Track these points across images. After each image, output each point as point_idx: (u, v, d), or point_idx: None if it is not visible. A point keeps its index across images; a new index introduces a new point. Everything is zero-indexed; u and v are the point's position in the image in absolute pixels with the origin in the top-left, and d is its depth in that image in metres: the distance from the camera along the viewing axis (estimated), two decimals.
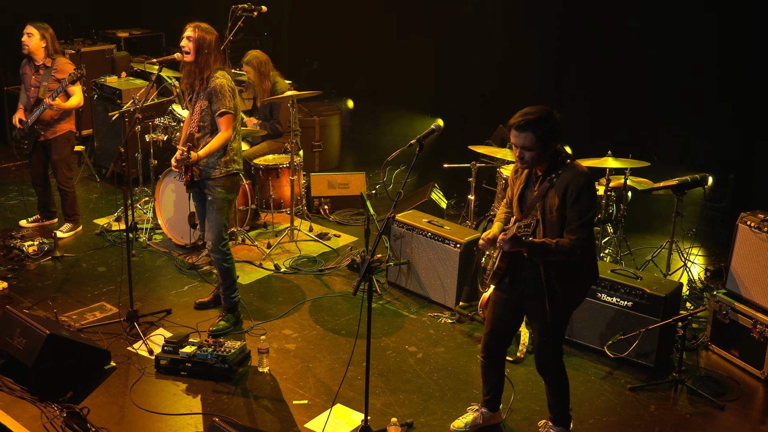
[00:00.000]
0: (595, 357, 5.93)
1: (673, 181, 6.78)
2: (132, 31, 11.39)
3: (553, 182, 4.41)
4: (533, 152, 4.39)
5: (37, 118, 7.28)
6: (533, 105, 4.43)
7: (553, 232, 4.42)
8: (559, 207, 4.37)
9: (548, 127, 4.34)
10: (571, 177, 4.37)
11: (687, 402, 5.46)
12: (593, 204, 4.40)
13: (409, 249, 6.77)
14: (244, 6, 8.00)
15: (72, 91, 7.31)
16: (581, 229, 4.35)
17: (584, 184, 4.36)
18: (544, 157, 4.42)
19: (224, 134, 5.80)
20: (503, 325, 4.86)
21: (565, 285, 4.48)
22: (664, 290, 5.71)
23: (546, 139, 4.36)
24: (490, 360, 4.97)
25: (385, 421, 5.03)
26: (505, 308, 4.79)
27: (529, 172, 4.58)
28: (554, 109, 4.42)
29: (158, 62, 6.13)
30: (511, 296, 4.73)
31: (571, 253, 4.36)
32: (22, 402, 5.15)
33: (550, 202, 4.41)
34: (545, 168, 4.46)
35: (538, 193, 4.46)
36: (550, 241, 4.38)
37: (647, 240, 7.95)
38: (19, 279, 6.87)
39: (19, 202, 8.48)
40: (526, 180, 4.58)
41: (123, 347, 5.88)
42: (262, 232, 8.02)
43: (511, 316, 4.82)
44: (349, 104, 11.32)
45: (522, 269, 4.59)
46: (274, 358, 5.81)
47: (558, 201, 4.37)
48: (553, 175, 4.42)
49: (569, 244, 4.34)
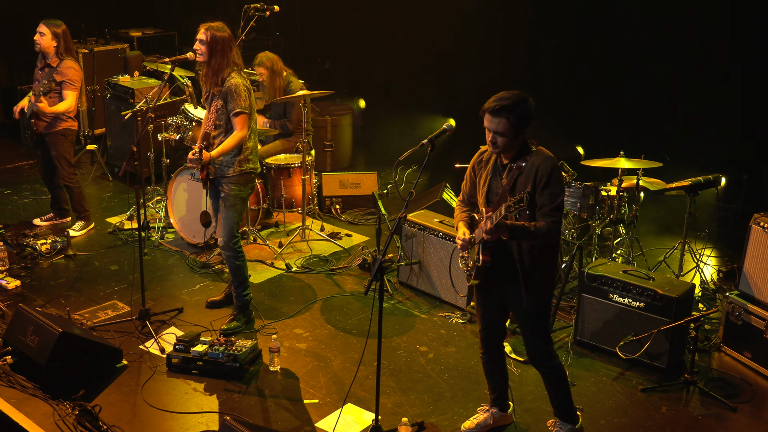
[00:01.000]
0: (606, 358, 5.92)
1: (686, 182, 6.75)
2: (145, 31, 11.42)
3: (522, 169, 4.45)
4: (505, 138, 4.43)
5: (31, 113, 7.29)
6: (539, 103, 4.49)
7: (524, 218, 4.45)
8: (530, 192, 4.38)
9: (521, 114, 4.39)
10: (539, 162, 4.43)
11: (699, 403, 5.44)
12: (563, 187, 4.47)
13: (421, 249, 6.77)
14: (257, 6, 8.01)
15: (65, 96, 7.30)
16: (555, 212, 4.42)
17: (552, 168, 4.41)
18: (515, 143, 4.47)
19: (238, 134, 5.81)
20: (492, 319, 4.90)
21: (539, 269, 4.54)
22: (677, 291, 5.69)
23: (518, 126, 4.41)
24: (488, 355, 4.99)
25: (396, 420, 5.03)
26: (489, 302, 4.83)
27: (494, 162, 4.60)
28: (529, 96, 4.46)
29: (171, 61, 6.14)
30: (491, 289, 4.77)
31: (548, 236, 4.42)
32: (35, 399, 5.17)
33: (521, 188, 4.44)
34: (512, 155, 4.51)
35: (508, 181, 4.49)
36: (528, 224, 4.41)
37: (659, 241, 7.92)
38: (32, 277, 6.90)
39: (33, 201, 8.52)
40: (492, 170, 4.60)
41: (135, 345, 5.90)
42: (273, 232, 8.03)
43: (495, 308, 4.85)
44: (361, 104, 11.32)
45: (499, 262, 4.61)
46: (285, 357, 5.82)
47: (529, 187, 4.40)
48: (521, 162, 4.46)
49: (546, 227, 4.40)
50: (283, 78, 7.97)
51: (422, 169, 4.77)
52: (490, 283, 4.72)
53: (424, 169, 4.76)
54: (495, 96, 4.45)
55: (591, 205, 6.81)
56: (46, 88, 7.15)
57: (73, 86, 7.29)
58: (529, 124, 4.45)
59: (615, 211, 6.88)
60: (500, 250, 4.56)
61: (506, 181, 4.51)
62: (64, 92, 7.29)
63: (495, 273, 4.64)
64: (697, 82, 8.66)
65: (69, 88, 7.28)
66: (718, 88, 8.51)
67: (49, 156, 7.55)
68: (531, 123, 4.46)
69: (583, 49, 9.48)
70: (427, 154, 4.68)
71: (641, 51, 9.05)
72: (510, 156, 4.52)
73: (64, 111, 7.33)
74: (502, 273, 4.62)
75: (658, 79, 9.00)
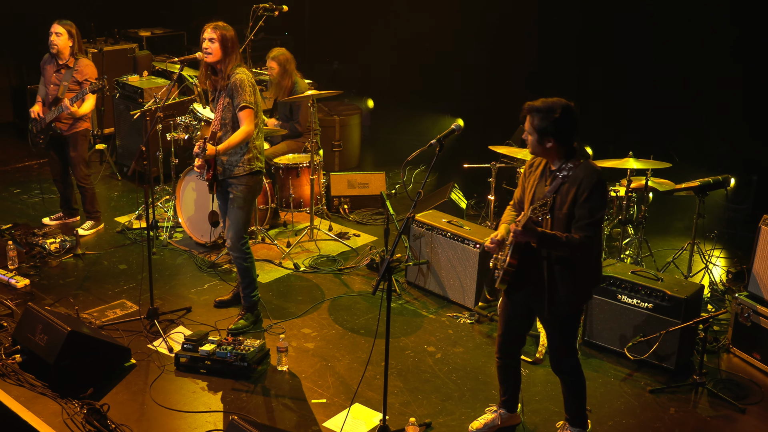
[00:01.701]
0: (614, 359, 5.90)
1: (694, 183, 6.73)
2: (154, 31, 11.45)
3: (566, 179, 4.41)
4: (531, 138, 4.44)
5: (54, 118, 7.33)
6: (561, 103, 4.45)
7: (559, 228, 4.42)
8: (570, 204, 4.37)
9: (545, 119, 4.37)
10: (584, 175, 4.38)
11: (708, 405, 5.43)
12: (604, 204, 4.41)
13: (429, 249, 6.76)
14: (266, 6, 8.02)
15: (87, 97, 7.34)
16: (590, 228, 4.35)
17: (596, 183, 4.36)
18: (543, 148, 4.44)
19: (245, 129, 5.80)
20: (515, 327, 4.86)
21: (566, 284, 4.49)
22: (685, 292, 5.67)
23: (542, 131, 4.39)
24: (505, 361, 4.97)
25: (404, 420, 5.03)
26: (516, 310, 4.79)
27: (543, 168, 4.57)
28: (569, 108, 4.41)
29: (180, 61, 6.16)
30: (519, 297, 4.73)
31: (579, 249, 4.37)
32: (43, 398, 5.19)
33: (562, 198, 4.41)
34: (558, 163, 4.47)
35: (550, 188, 4.46)
36: (560, 234, 4.38)
37: (668, 241, 7.90)
38: (41, 276, 6.93)
39: (42, 200, 8.55)
40: (540, 176, 4.58)
41: (143, 345, 5.91)
42: (281, 231, 8.04)
43: (522, 317, 4.82)
44: (369, 104, 11.32)
45: (528, 268, 4.58)
46: (293, 357, 5.82)
47: (570, 198, 4.37)
48: (565, 172, 4.42)
49: (578, 240, 4.35)
50: (291, 78, 7.98)
51: (430, 169, 4.77)
52: (518, 289, 4.68)
53: (433, 169, 4.77)
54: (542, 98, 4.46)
55: None
56: (79, 94, 7.18)
57: None
58: (560, 133, 4.38)
59: (624, 212, 6.87)
60: (530, 257, 4.52)
61: (549, 187, 4.47)
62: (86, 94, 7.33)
63: (524, 280, 4.60)
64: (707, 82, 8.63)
65: None
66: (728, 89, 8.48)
67: (66, 156, 7.58)
68: (567, 134, 4.39)
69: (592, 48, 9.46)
70: (435, 155, 4.68)
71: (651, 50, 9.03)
72: (556, 164, 4.48)
73: (91, 110, 7.46)
74: (531, 281, 4.58)
75: (667, 79, 8.98)
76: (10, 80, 11.17)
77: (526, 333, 4.97)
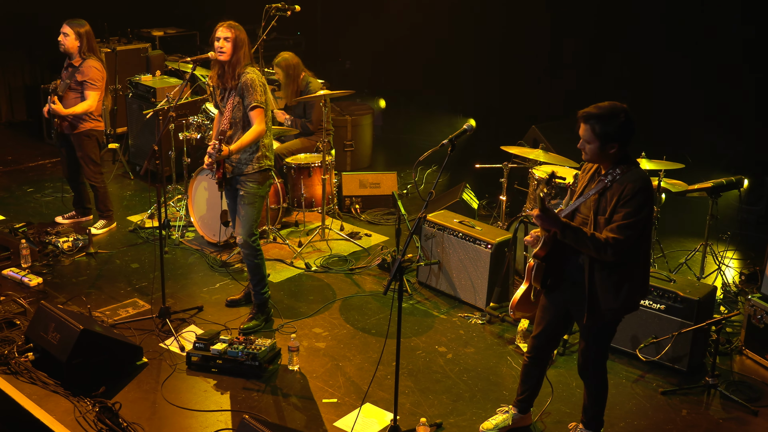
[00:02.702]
0: (626, 360, 5.88)
1: (708, 184, 6.71)
2: (167, 30, 11.48)
3: (613, 182, 4.36)
4: (591, 146, 4.37)
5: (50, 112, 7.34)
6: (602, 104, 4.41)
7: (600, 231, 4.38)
8: (612, 208, 4.32)
9: (609, 126, 4.31)
10: (631, 180, 4.32)
11: (720, 407, 5.40)
12: (644, 210, 4.30)
13: (440, 249, 6.76)
14: (278, 5, 8.02)
15: (87, 96, 7.32)
16: (621, 230, 4.27)
17: (641, 188, 4.29)
18: (604, 154, 4.37)
19: (256, 128, 5.82)
20: (552, 330, 4.81)
21: (608, 292, 4.43)
22: (698, 293, 5.65)
23: (605, 137, 4.32)
24: (534, 361, 4.92)
25: (414, 421, 5.02)
26: (555, 313, 4.74)
27: (593, 171, 4.54)
28: (629, 111, 4.36)
29: (192, 61, 6.17)
30: (560, 301, 4.69)
31: (602, 250, 4.29)
32: (56, 396, 5.21)
33: (605, 203, 4.36)
34: (609, 167, 4.42)
35: (595, 189, 4.42)
36: (587, 230, 4.34)
37: (681, 243, 7.87)
38: (54, 274, 6.95)
39: (55, 199, 8.59)
40: (590, 177, 4.55)
41: (155, 343, 5.93)
42: (293, 231, 8.05)
43: (560, 320, 4.77)
44: (381, 104, 11.32)
45: (571, 273, 4.55)
46: (304, 357, 5.83)
47: (613, 202, 4.32)
48: (612, 176, 4.37)
49: (604, 240, 4.28)
50: (301, 80, 7.99)
51: (442, 169, 4.77)
52: (559, 291, 4.65)
53: (444, 169, 4.76)
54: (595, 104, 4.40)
55: None
56: (62, 88, 7.20)
57: (94, 86, 7.31)
58: (624, 137, 4.33)
59: None
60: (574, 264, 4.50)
61: (594, 189, 4.43)
62: (86, 92, 7.31)
63: (565, 282, 4.59)
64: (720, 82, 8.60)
65: (90, 88, 7.30)
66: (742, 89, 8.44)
67: (74, 155, 7.60)
68: (629, 136, 4.35)
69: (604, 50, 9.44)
70: (447, 155, 4.67)
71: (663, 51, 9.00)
72: (607, 167, 4.43)
73: (83, 111, 7.32)
74: (572, 284, 4.55)
75: (680, 80, 8.95)
76: (24, 79, 11.22)
77: (561, 336, 4.96)
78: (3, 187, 8.92)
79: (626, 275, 4.44)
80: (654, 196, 4.36)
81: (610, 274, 4.42)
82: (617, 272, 4.42)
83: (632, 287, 4.48)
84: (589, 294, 4.46)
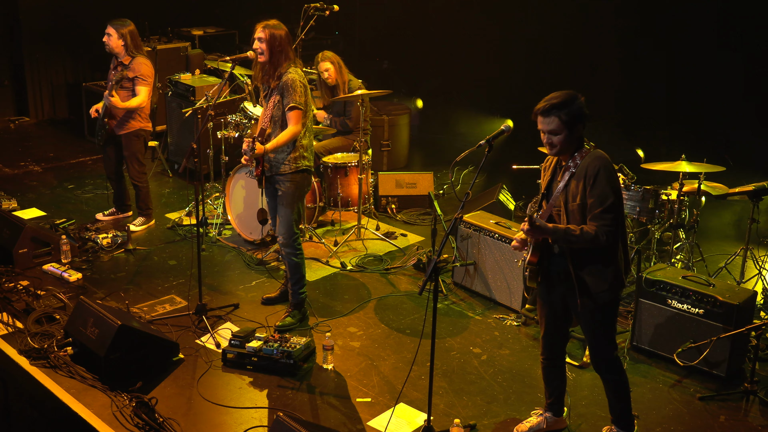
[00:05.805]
0: (664, 365, 5.82)
1: (749, 187, 6.60)
2: (206, 29, 11.58)
3: (577, 168, 4.42)
4: (560, 136, 4.42)
5: (105, 112, 7.46)
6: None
7: (575, 220, 4.41)
8: (581, 194, 4.36)
9: (573, 110, 4.39)
10: (588, 162, 4.39)
11: (759, 414, 5.32)
12: (613, 189, 4.37)
13: (476, 250, 6.74)
14: (317, 5, 8.06)
15: (138, 91, 7.43)
16: (604, 215, 4.33)
17: (600, 168, 4.35)
18: (572, 141, 4.43)
19: (292, 129, 5.84)
20: (554, 326, 4.84)
21: (592, 275, 4.48)
22: (738, 298, 5.57)
23: (571, 123, 4.39)
24: (549, 361, 4.94)
25: (448, 422, 5.01)
26: (552, 308, 4.78)
27: (554, 163, 4.58)
28: (578, 94, 4.44)
29: (231, 60, 6.20)
30: (554, 296, 4.72)
31: (595, 240, 4.34)
32: (94, 390, 5.28)
33: (573, 190, 4.41)
34: (568, 157, 4.48)
35: (562, 182, 4.47)
36: (574, 227, 4.37)
37: (720, 247, 7.76)
38: (93, 270, 7.04)
39: (95, 195, 8.70)
40: (552, 172, 4.59)
41: (191, 340, 5.98)
42: (329, 230, 8.07)
43: (558, 315, 4.79)
44: (419, 104, 11.32)
45: (553, 266, 4.59)
46: (338, 356, 5.84)
47: (580, 189, 4.37)
48: (576, 161, 4.43)
49: (594, 230, 4.33)
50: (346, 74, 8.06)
51: (479, 170, 4.75)
52: (551, 285, 4.68)
53: (481, 170, 4.75)
54: (545, 97, 4.46)
55: (650, 209, 6.71)
56: (118, 76, 7.30)
57: (145, 82, 7.41)
58: (583, 122, 4.42)
59: (675, 216, 6.76)
60: (555, 257, 4.54)
61: (561, 182, 4.49)
62: (137, 88, 7.42)
63: (554, 277, 4.61)
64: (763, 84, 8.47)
65: (141, 83, 7.41)
66: None
67: (120, 154, 7.70)
68: (585, 120, 4.43)
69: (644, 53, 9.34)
70: (484, 155, 4.66)
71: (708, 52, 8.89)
72: (567, 158, 4.50)
73: (137, 106, 7.45)
74: (561, 277, 4.59)
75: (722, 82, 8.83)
76: (66, 77, 11.39)
77: (566, 330, 4.92)
78: (44, 184, 9.06)
79: (606, 255, 4.47)
80: (613, 169, 4.40)
81: (591, 258, 4.47)
82: (597, 254, 4.46)
83: (614, 265, 4.51)
84: (576, 281, 4.50)
